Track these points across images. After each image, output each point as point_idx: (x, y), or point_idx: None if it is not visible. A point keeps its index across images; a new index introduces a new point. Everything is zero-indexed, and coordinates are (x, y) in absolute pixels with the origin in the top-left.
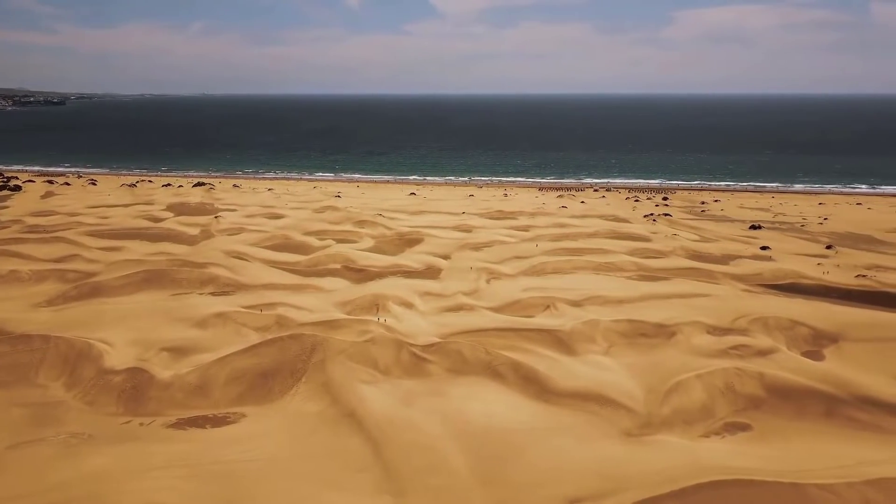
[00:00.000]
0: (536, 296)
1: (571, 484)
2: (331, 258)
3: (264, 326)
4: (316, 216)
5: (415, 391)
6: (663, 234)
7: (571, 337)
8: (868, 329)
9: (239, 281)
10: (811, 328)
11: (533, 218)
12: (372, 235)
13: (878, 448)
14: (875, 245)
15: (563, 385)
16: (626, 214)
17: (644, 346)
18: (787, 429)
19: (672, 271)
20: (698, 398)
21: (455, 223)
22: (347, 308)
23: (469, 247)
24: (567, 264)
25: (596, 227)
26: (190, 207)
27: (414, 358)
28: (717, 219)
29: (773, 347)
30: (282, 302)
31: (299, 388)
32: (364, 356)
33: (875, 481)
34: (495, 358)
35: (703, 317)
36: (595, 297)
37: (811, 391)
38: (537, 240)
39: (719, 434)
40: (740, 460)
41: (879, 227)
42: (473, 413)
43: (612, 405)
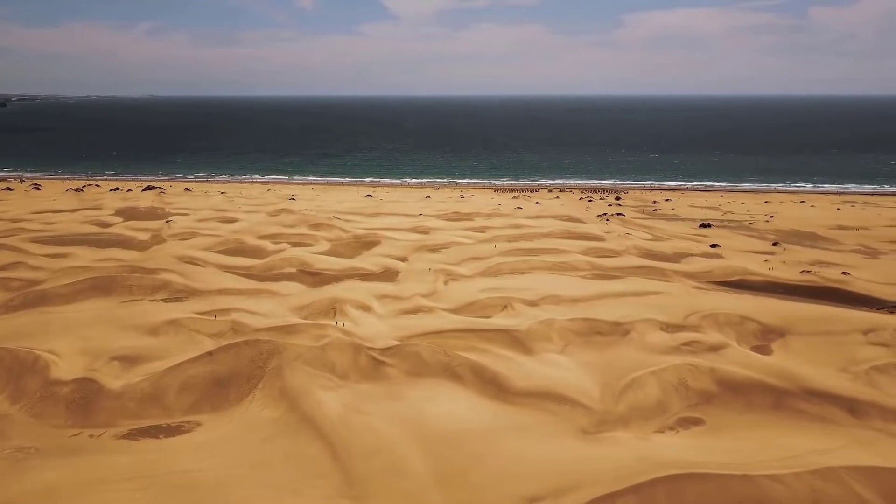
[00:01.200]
0: (493, 296)
1: (530, 483)
2: (286, 262)
3: (219, 333)
4: (270, 219)
5: (373, 395)
6: (616, 233)
7: (528, 336)
8: (813, 323)
9: (192, 287)
10: (759, 323)
11: (489, 219)
12: (328, 238)
13: (823, 438)
14: (818, 241)
15: (521, 385)
16: (580, 214)
17: (599, 344)
18: (738, 422)
19: (625, 270)
20: (653, 394)
21: (412, 225)
22: (304, 312)
23: (426, 248)
24: (523, 265)
25: (551, 228)
26: (140, 212)
27: (372, 361)
28: (669, 218)
29: (724, 343)
30: (236, 307)
31: (256, 394)
32: (321, 361)
33: (821, 470)
34: (453, 359)
35: (656, 314)
36: (551, 297)
37: (760, 385)
38: (494, 241)
39: (673, 429)
40: (694, 454)
41: (822, 225)
42: (432, 415)
43: (569, 403)
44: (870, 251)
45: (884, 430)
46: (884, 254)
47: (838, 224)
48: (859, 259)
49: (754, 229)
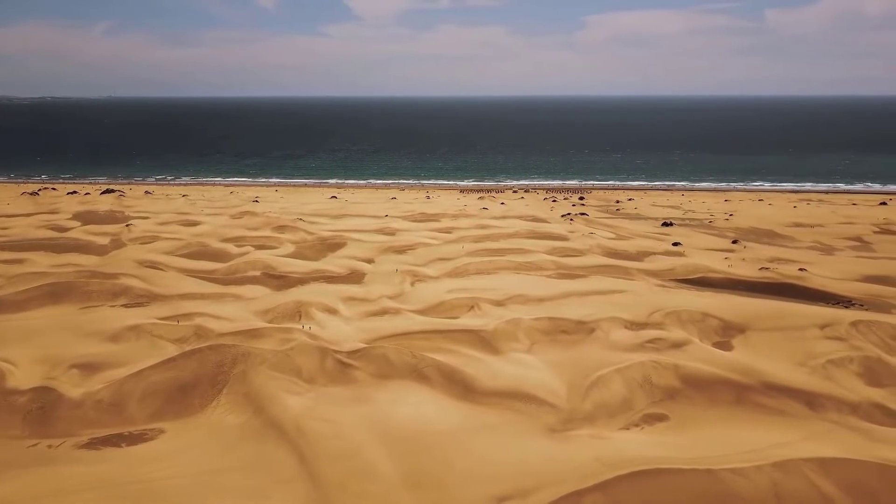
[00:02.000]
0: (460, 297)
1: (498, 482)
2: (250, 265)
3: (182, 338)
4: (233, 222)
5: (340, 398)
6: (580, 232)
7: (495, 336)
8: (771, 319)
9: (153, 291)
10: (721, 320)
11: (455, 220)
12: (292, 241)
13: (783, 431)
14: (776, 239)
15: (488, 384)
16: (544, 214)
17: (565, 342)
18: (701, 417)
19: (590, 269)
20: (618, 392)
21: (378, 226)
22: (269, 316)
23: (393, 250)
24: (489, 265)
25: (516, 228)
26: (98, 216)
27: (339, 365)
28: (632, 217)
29: (687, 340)
30: (200, 312)
31: (220, 400)
32: (287, 365)
33: (781, 463)
34: (421, 360)
35: (620, 312)
36: (517, 297)
37: (722, 380)
38: (460, 241)
39: (638, 425)
40: (659, 450)
41: (780, 222)
42: (400, 417)
43: (536, 402)
44: (825, 248)
45: (839, 422)
46: (838, 250)
47: (795, 222)
48: (815, 256)
49: (715, 227)
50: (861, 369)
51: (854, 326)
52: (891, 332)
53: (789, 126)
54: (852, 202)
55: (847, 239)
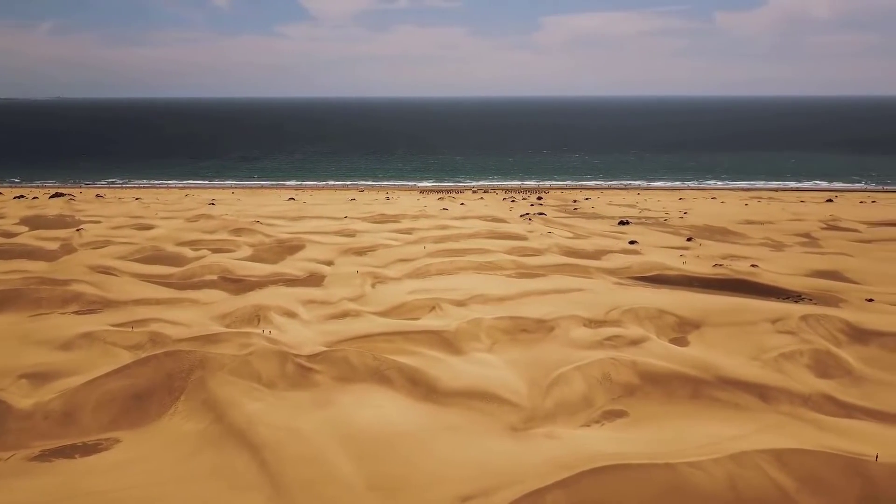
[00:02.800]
0: (422, 298)
1: (461, 483)
2: (206, 269)
3: (137, 345)
4: (189, 225)
5: (302, 402)
6: (539, 232)
7: (457, 336)
8: (725, 314)
9: (106, 297)
10: (676, 316)
11: (416, 220)
12: (250, 243)
13: (738, 424)
14: (729, 236)
15: (450, 385)
16: (503, 214)
17: (526, 341)
18: (659, 413)
19: (549, 268)
20: (578, 389)
21: (337, 228)
22: (227, 321)
23: (353, 251)
24: (450, 265)
25: (476, 228)
26: (47, 220)
27: (299, 369)
28: (589, 216)
29: (644, 336)
30: (155, 317)
31: (178, 407)
32: (246, 370)
33: (737, 455)
34: (382, 363)
35: (579, 310)
36: (478, 296)
37: (679, 376)
38: (421, 242)
39: (599, 422)
40: (618, 446)
41: (732, 220)
42: (363, 420)
43: (498, 401)
44: (776, 244)
45: (791, 414)
46: (788, 246)
47: (747, 219)
48: (766, 252)
49: (670, 225)
50: (811, 362)
51: (804, 320)
52: (838, 325)
53: (740, 126)
54: (801, 199)
55: (796, 235)
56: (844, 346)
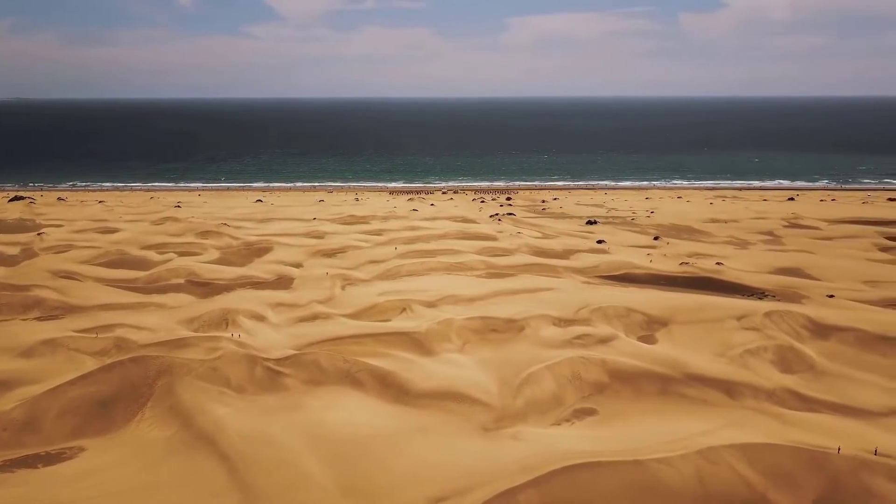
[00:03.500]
0: (392, 299)
1: (433, 484)
2: (173, 273)
3: (102, 351)
4: (154, 228)
5: (271, 407)
6: (508, 232)
7: (427, 337)
8: (692, 312)
9: (70, 303)
10: (644, 314)
11: (385, 222)
12: (217, 246)
13: (705, 420)
14: (694, 234)
15: (421, 386)
16: (473, 215)
17: (496, 341)
18: (628, 410)
19: (518, 268)
20: (549, 388)
21: (306, 230)
22: (194, 325)
23: (322, 253)
24: (420, 266)
25: (446, 229)
26: (7, 224)
27: (269, 372)
28: (557, 216)
29: (613, 335)
30: (120, 323)
31: (145, 414)
32: (215, 374)
33: (704, 451)
34: (353, 365)
35: (548, 310)
36: (448, 297)
37: (647, 373)
38: (391, 243)
39: (569, 421)
40: (588, 444)
41: (697, 218)
42: (334, 423)
43: (469, 401)
44: (740, 242)
45: (756, 409)
46: (752, 244)
47: (712, 218)
48: (731, 250)
49: (637, 224)
50: (775, 357)
51: (768, 317)
52: (801, 321)
53: (705, 126)
54: (763, 198)
55: (759, 233)
56: (807, 342)
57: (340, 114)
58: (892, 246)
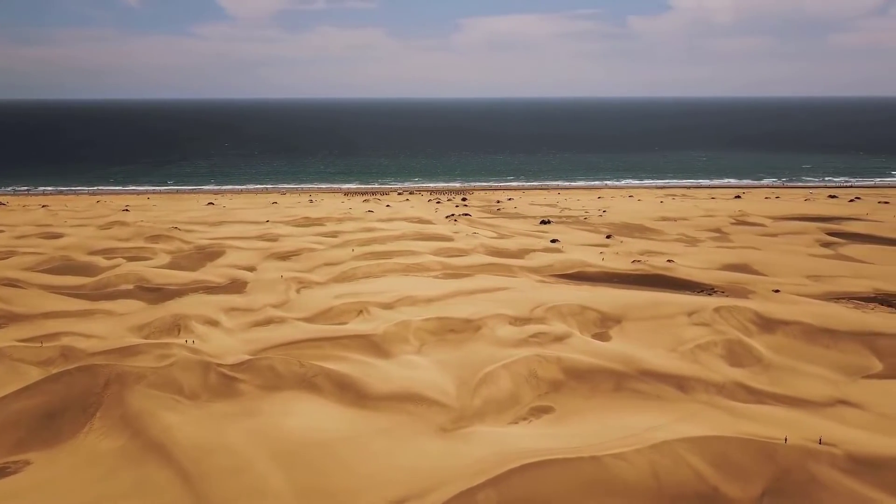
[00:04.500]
0: (349, 302)
1: (393, 486)
2: (121, 278)
3: (47, 360)
4: (102, 233)
5: (226, 413)
6: (464, 232)
7: (385, 340)
8: (644, 309)
9: (12, 311)
10: (598, 312)
11: (341, 223)
12: (167, 251)
13: (659, 414)
14: (646, 233)
15: (380, 389)
16: (429, 216)
17: (453, 341)
18: (584, 407)
19: (474, 268)
20: (506, 387)
21: (259, 232)
22: (144, 332)
23: (276, 256)
24: (377, 268)
25: (402, 230)
26: None
27: (223, 378)
28: (512, 216)
29: (568, 333)
30: (66, 331)
31: (93, 424)
32: (167, 382)
33: (658, 445)
34: (310, 369)
35: (505, 309)
36: (406, 298)
37: (602, 370)
38: (347, 245)
39: (526, 419)
40: (545, 441)
41: (648, 217)
42: (290, 428)
43: (427, 403)
44: (689, 240)
45: (707, 403)
46: (701, 242)
47: (662, 216)
48: (681, 247)
49: (589, 224)
50: (724, 352)
51: (717, 312)
52: (749, 315)
53: (655, 126)
54: (712, 196)
55: (708, 231)
56: (754, 336)
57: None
58: (833, 241)
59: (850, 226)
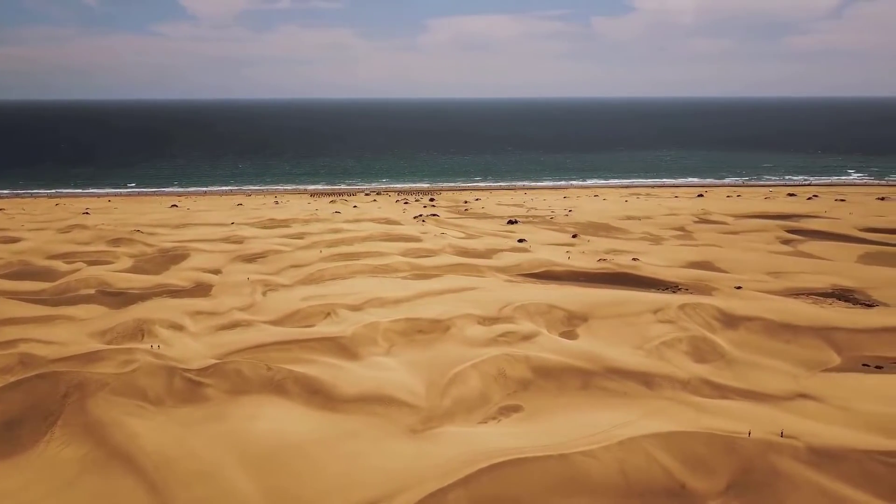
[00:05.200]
0: (316, 304)
1: (363, 489)
2: (82, 283)
3: (5, 368)
4: (61, 237)
5: (192, 419)
6: (432, 233)
7: (353, 342)
8: (611, 307)
9: None
10: (565, 310)
11: (307, 225)
12: (130, 254)
13: (625, 411)
14: (611, 232)
15: (348, 391)
16: (397, 216)
17: (422, 342)
18: (552, 405)
19: (443, 268)
20: (475, 387)
21: (224, 235)
22: (107, 337)
23: (241, 258)
24: (344, 269)
25: (370, 231)
26: None
27: (188, 383)
28: (479, 216)
29: (536, 331)
30: (25, 338)
31: (55, 433)
32: (131, 388)
33: (625, 441)
34: (277, 373)
35: (473, 309)
36: (374, 300)
37: (569, 368)
38: (314, 246)
39: (495, 418)
40: (515, 440)
41: (614, 216)
42: (258, 433)
43: (396, 404)
44: (654, 238)
45: (673, 399)
46: (665, 240)
47: (627, 215)
48: (646, 246)
49: (556, 223)
50: (689, 348)
51: (682, 309)
52: (712, 312)
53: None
54: (675, 195)
55: (672, 229)
56: (718, 332)
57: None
58: (792, 238)
59: (808, 223)
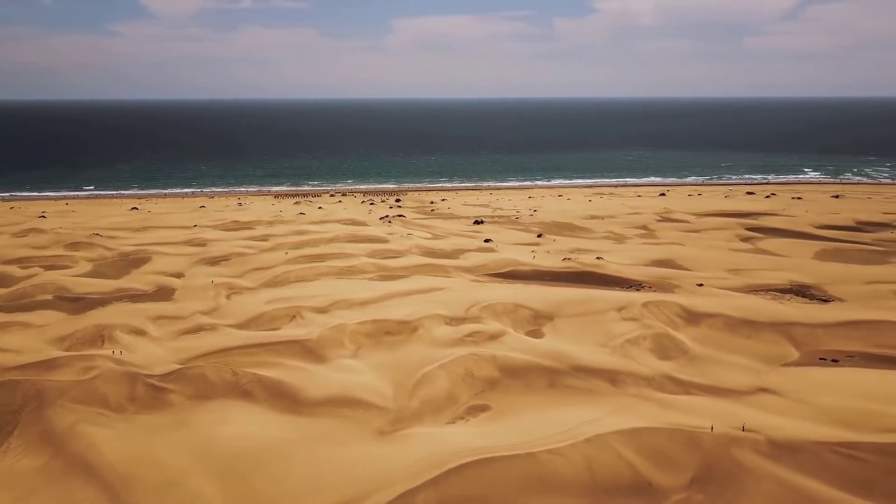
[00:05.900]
0: (281, 307)
1: (332, 492)
2: (39, 288)
3: None
4: (16, 241)
5: (156, 425)
6: (399, 234)
7: (320, 344)
8: (576, 305)
9: None
10: (531, 310)
11: (271, 226)
12: (89, 258)
13: (592, 409)
14: (576, 231)
15: (314, 394)
16: (363, 217)
17: (389, 343)
18: (519, 404)
19: (409, 269)
20: (443, 387)
21: (186, 237)
22: (65, 343)
23: (205, 261)
24: (310, 271)
25: (336, 232)
26: None
27: (151, 389)
28: (445, 216)
29: (502, 331)
30: None
31: (11, 443)
32: (91, 395)
33: (592, 438)
34: (242, 377)
35: (440, 309)
36: (340, 302)
37: (536, 367)
38: (278, 248)
39: (463, 418)
40: (483, 440)
41: (578, 215)
42: (223, 438)
43: (364, 406)
44: (617, 237)
45: (638, 395)
46: (628, 239)
47: (591, 214)
48: (610, 245)
49: (521, 223)
50: (653, 345)
51: (645, 307)
52: (675, 309)
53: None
54: (638, 194)
55: (635, 228)
56: (681, 329)
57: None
58: (751, 236)
59: (766, 221)
